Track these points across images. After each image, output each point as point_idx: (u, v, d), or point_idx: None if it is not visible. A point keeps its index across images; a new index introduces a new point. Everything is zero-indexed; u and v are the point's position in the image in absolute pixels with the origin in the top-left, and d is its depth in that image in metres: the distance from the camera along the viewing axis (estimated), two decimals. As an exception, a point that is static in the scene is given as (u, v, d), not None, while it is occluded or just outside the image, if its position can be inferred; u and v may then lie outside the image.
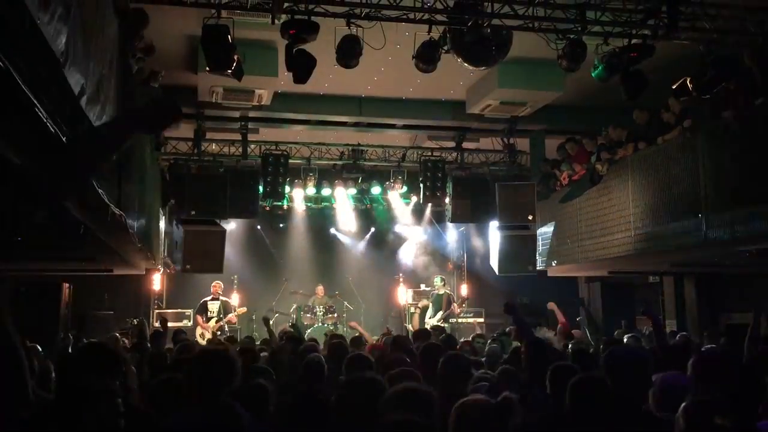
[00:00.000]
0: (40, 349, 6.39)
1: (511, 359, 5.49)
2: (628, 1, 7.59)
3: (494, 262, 12.34)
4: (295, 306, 13.38)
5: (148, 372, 5.19)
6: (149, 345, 6.49)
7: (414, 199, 13.81)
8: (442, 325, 11.99)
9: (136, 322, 11.77)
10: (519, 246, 11.99)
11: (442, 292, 13.12)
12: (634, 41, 7.75)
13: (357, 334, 8.31)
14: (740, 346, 5.53)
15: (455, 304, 13.14)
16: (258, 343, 8.50)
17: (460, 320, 13.48)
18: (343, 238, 15.26)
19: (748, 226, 7.39)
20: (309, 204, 13.98)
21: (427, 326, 12.05)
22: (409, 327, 13.34)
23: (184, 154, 12.00)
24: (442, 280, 13.47)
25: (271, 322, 9.04)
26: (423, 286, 14.43)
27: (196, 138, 11.92)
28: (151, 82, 7.96)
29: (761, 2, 7.72)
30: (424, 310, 13.40)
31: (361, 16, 7.17)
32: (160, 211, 11.51)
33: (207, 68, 7.42)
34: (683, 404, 2.97)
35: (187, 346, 6.37)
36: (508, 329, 9.42)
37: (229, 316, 12.28)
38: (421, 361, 4.82)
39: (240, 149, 12.30)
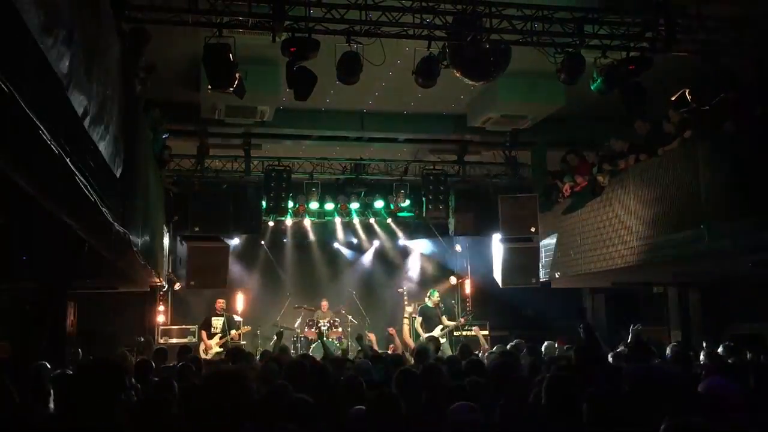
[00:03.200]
0: (49, 366, 6.43)
1: None
2: (626, 14, 7.65)
3: (497, 275, 12.32)
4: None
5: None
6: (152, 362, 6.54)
7: (417, 212, 13.83)
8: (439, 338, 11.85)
9: (142, 340, 11.84)
10: (522, 258, 11.99)
11: (432, 305, 12.70)
12: (632, 54, 7.80)
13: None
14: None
15: (444, 317, 12.73)
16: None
17: (464, 333, 13.34)
18: (347, 253, 15.28)
19: (750, 237, 7.39)
20: (312, 219, 14.03)
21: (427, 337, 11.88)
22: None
23: (187, 171, 12.07)
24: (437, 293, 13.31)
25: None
26: (427, 300, 14.38)
27: (199, 155, 11.99)
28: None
29: (758, 12, 7.76)
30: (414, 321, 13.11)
31: (360, 33, 7.25)
32: (164, 228, 11.56)
33: (209, 86, 7.50)
34: None
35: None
36: (515, 342, 9.35)
37: (233, 332, 12.30)
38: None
39: (243, 165, 12.37)
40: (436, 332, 12.17)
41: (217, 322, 12.31)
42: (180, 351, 8.60)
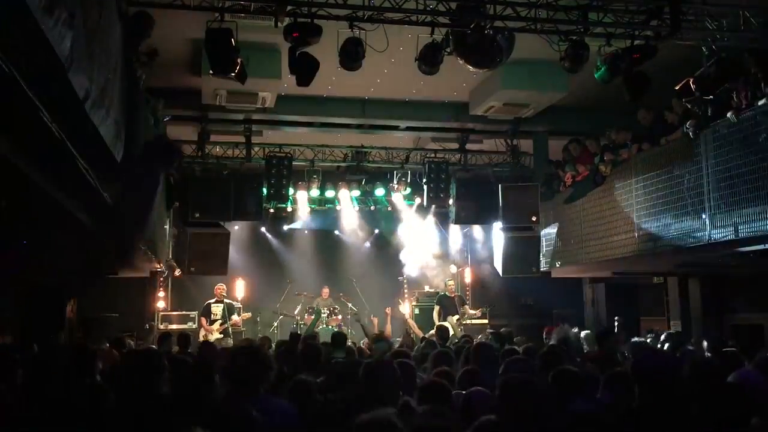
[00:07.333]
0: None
1: None
2: (631, 2, 7.59)
3: (498, 264, 12.31)
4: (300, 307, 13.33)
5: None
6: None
7: (418, 200, 13.80)
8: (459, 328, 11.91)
9: (149, 327, 11.94)
10: (523, 247, 11.96)
11: (452, 294, 12.92)
12: (636, 42, 7.74)
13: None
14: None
15: (467, 306, 12.98)
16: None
17: (465, 321, 13.37)
18: (347, 240, 15.27)
19: (752, 227, 7.39)
20: (313, 206, 14.00)
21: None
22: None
23: (188, 157, 12.02)
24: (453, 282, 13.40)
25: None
26: (427, 288, 14.41)
27: (200, 141, 11.96)
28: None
29: (763, 2, 7.71)
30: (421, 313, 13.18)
31: (363, 19, 7.19)
32: (165, 213, 11.54)
33: (210, 71, 7.46)
34: None
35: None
36: (504, 330, 9.36)
37: (234, 318, 12.31)
38: None
39: (244, 152, 12.33)
40: (452, 321, 12.16)
41: (217, 309, 12.32)
42: (179, 338, 8.61)
